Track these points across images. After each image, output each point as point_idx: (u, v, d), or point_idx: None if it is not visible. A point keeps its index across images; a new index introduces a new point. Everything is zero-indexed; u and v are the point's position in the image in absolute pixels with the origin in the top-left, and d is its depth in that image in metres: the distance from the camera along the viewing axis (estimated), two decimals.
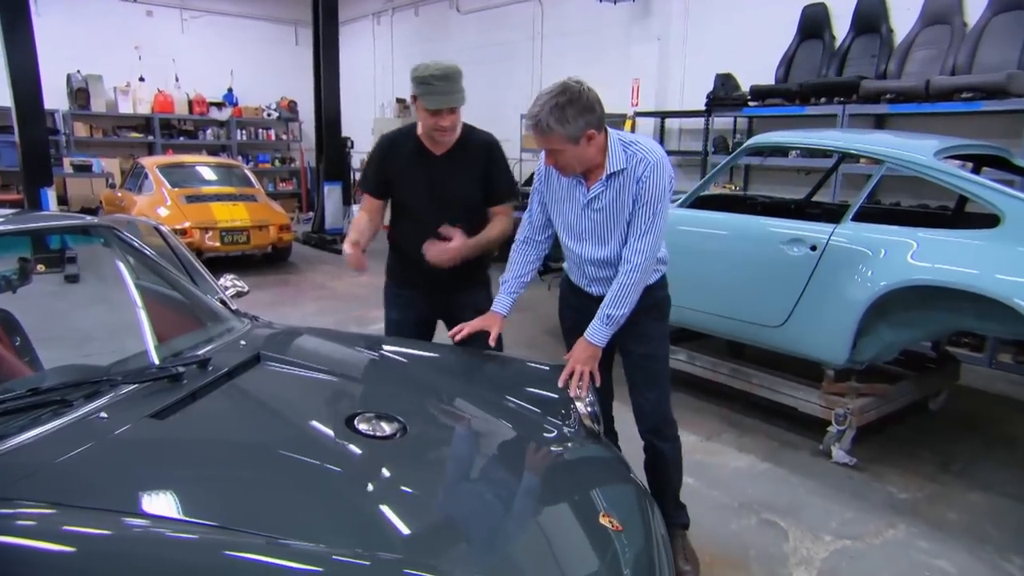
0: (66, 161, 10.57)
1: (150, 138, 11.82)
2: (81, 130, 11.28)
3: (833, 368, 3.38)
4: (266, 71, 12.84)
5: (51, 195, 7.47)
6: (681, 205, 4.00)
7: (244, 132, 12.96)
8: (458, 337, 2.35)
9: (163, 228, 2.81)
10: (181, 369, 1.78)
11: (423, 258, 2.52)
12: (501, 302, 2.43)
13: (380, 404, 1.89)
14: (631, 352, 2.48)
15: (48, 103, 10.76)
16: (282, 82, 12.82)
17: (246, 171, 8.83)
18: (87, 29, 11.26)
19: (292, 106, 13.09)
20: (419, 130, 2.58)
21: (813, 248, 3.29)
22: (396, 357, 2.28)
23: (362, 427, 1.74)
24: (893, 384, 3.57)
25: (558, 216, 2.36)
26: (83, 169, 10.29)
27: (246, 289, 2.79)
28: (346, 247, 2.51)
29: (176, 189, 7.71)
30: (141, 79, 11.81)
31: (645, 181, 2.12)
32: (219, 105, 12.57)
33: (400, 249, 2.75)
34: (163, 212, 7.34)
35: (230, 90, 12.78)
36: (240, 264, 7.52)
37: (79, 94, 11.10)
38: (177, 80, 12.18)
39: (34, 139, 7.35)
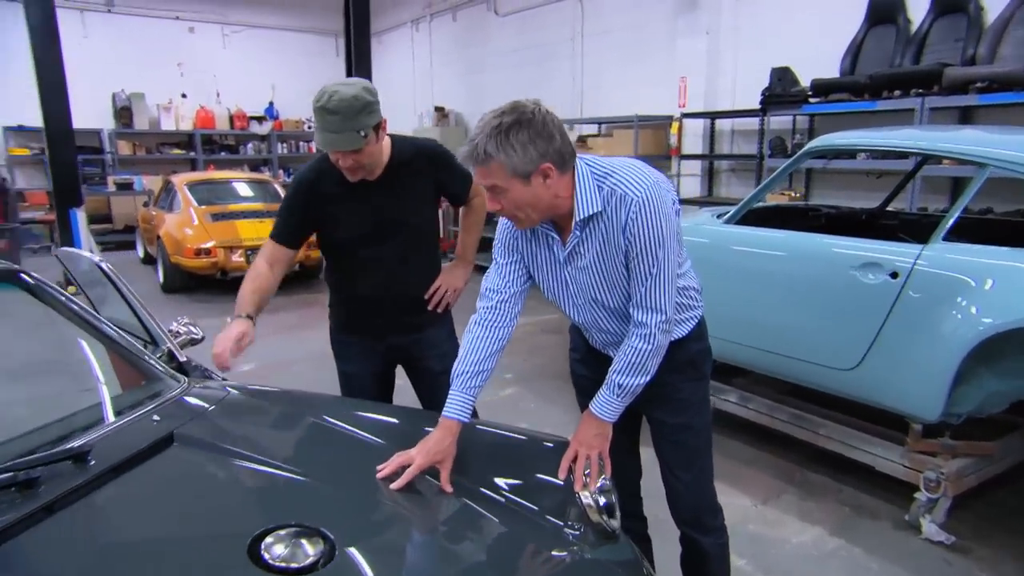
0: (110, 180, 10.61)
1: (192, 154, 11.81)
2: (125, 148, 11.34)
3: (921, 423, 2.74)
4: (307, 83, 12.62)
5: (80, 216, 7.36)
6: (730, 220, 3.41)
7: (285, 145, 12.86)
8: (395, 483, 1.58)
9: (104, 265, 2.42)
10: (35, 473, 1.35)
11: (376, 300, 2.23)
12: (455, 404, 1.72)
13: (308, 510, 1.42)
14: (661, 423, 1.95)
15: (94, 123, 11.00)
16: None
17: (276, 186, 8.59)
18: (132, 48, 11.33)
19: None
20: None
21: (894, 275, 2.66)
22: (349, 431, 1.80)
23: (273, 552, 1.27)
24: (999, 439, 2.89)
25: (538, 276, 1.82)
26: (125, 187, 10.29)
27: (200, 336, 2.38)
28: (221, 344, 1.96)
29: (203, 207, 7.50)
30: (183, 96, 11.83)
31: (632, 227, 1.60)
32: (260, 119, 12.50)
33: (345, 294, 2.34)
34: (189, 231, 7.12)
35: (271, 104, 12.71)
36: None
37: (123, 113, 11.16)
38: (218, 95, 12.16)
39: (64, 161, 7.25)
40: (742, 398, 3.52)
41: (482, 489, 1.63)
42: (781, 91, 5.72)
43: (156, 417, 1.70)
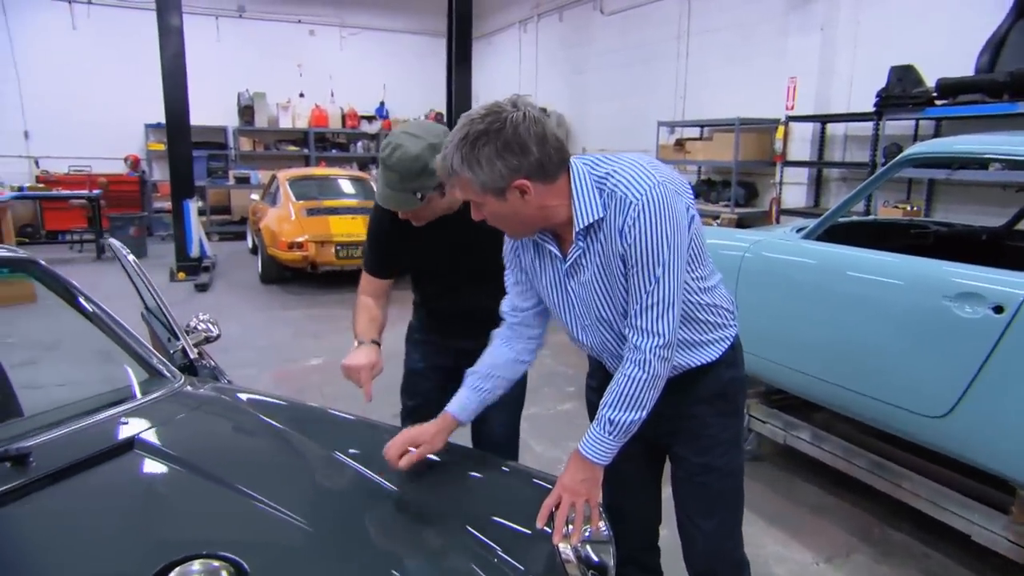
0: (231, 174, 11.32)
1: (305, 151, 12.37)
2: (246, 144, 12.06)
3: None
4: (416, 84, 12.98)
5: (192, 206, 7.87)
6: (809, 236, 3.03)
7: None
8: (402, 463, 1.58)
9: (130, 258, 2.45)
10: None
11: (451, 315, 2.16)
12: (457, 401, 1.67)
13: (239, 538, 1.31)
14: (683, 460, 1.71)
15: (221, 120, 11.78)
16: (431, 94, 12.86)
17: (373, 184, 8.79)
18: (257, 50, 12.03)
19: (440, 118, 13.12)
20: None
21: (998, 309, 2.22)
22: (325, 454, 1.67)
23: None
24: None
25: (544, 295, 1.65)
26: (243, 181, 10.93)
27: (215, 333, 2.36)
28: (353, 363, 1.91)
29: (300, 202, 7.77)
30: (301, 95, 12.42)
31: (630, 233, 1.38)
32: (370, 118, 12.91)
33: (424, 306, 2.29)
34: (286, 226, 7.40)
35: (382, 103, 13.10)
36: (354, 278, 7.39)
37: (245, 111, 11.87)
38: (332, 95, 12.67)
39: (180, 155, 7.78)
40: (815, 436, 3.11)
41: (456, 532, 1.45)
42: (900, 92, 5.11)
43: (124, 420, 1.65)
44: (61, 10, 10.80)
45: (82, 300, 2.03)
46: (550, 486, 1.61)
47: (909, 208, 5.21)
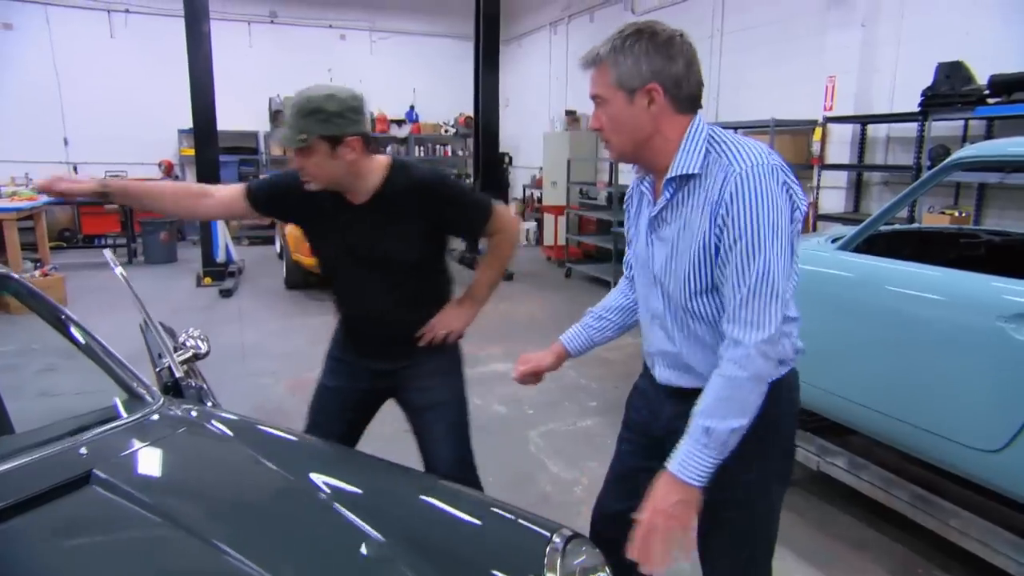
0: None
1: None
2: (276, 149, 12.09)
3: None
4: (446, 87, 12.90)
5: None
6: (846, 246, 2.79)
7: (422, 148, 13.15)
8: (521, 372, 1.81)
9: (118, 271, 2.35)
10: None
11: (359, 324, 2.14)
12: (571, 332, 1.80)
13: None
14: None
15: (253, 126, 11.87)
16: (460, 98, 12.77)
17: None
18: (289, 55, 12.08)
19: (469, 122, 13.02)
20: None
21: None
22: (292, 484, 1.53)
23: None
24: None
25: (634, 246, 1.62)
26: None
27: (204, 351, 2.24)
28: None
29: None
30: None
31: (733, 203, 1.30)
32: (399, 122, 12.88)
33: (338, 310, 2.21)
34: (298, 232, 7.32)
35: (412, 107, 13.05)
36: None
37: (276, 116, 11.92)
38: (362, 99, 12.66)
39: (207, 160, 7.79)
40: (852, 464, 2.87)
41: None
42: (948, 90, 4.80)
43: (83, 450, 1.53)
44: (100, 19, 10.99)
45: (57, 315, 1.92)
46: (546, 532, 1.45)
47: (957, 214, 4.88)
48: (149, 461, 1.58)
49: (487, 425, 3.98)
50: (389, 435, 2.46)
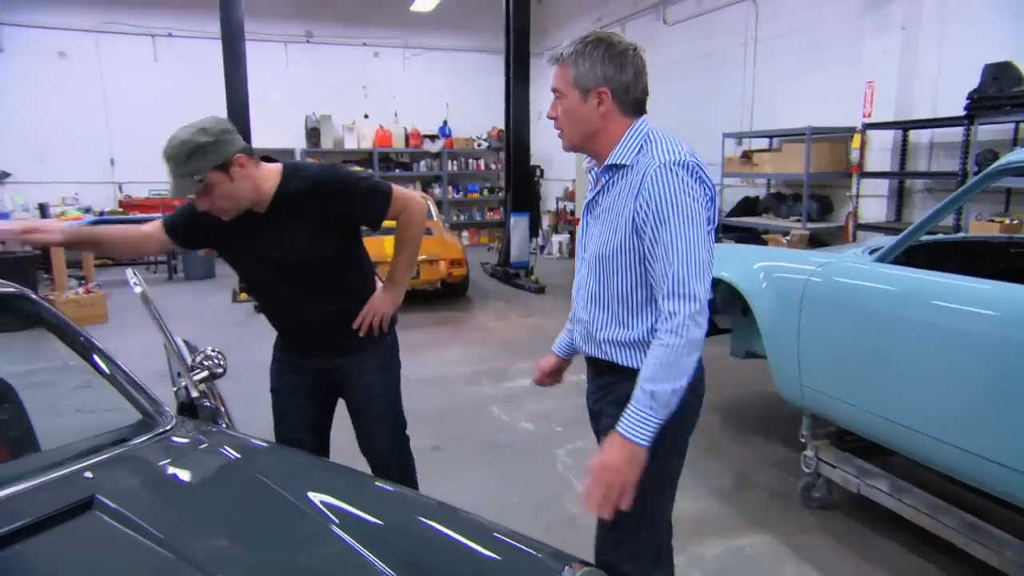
0: None
1: (369, 171, 12.50)
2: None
3: None
4: (478, 101, 12.95)
5: None
6: (884, 258, 2.66)
7: (455, 162, 13.21)
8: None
9: (136, 290, 2.34)
10: None
11: (287, 327, 2.26)
12: (559, 340, 2.01)
13: None
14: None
15: (289, 143, 12.07)
16: (493, 112, 12.81)
17: (431, 204, 8.73)
18: (324, 74, 12.29)
19: (501, 135, 13.03)
20: None
21: None
22: (302, 513, 1.48)
23: None
24: None
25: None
26: None
27: (221, 370, 2.22)
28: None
29: None
30: (365, 116, 12.60)
31: (649, 190, 1.49)
32: (432, 137, 12.96)
33: (272, 321, 2.31)
34: None
35: (444, 122, 13.14)
36: (414, 298, 7.33)
37: (312, 133, 12.13)
38: (396, 115, 12.80)
39: None
40: (895, 488, 2.72)
41: None
42: (996, 92, 4.60)
43: (88, 474, 1.52)
44: (145, 43, 11.34)
45: (75, 335, 1.93)
46: (557, 565, 1.38)
47: (1008, 221, 4.66)
48: (153, 486, 1.56)
49: (514, 442, 3.91)
50: (414, 454, 2.44)
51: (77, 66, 10.88)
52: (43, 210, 9.45)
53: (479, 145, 13.24)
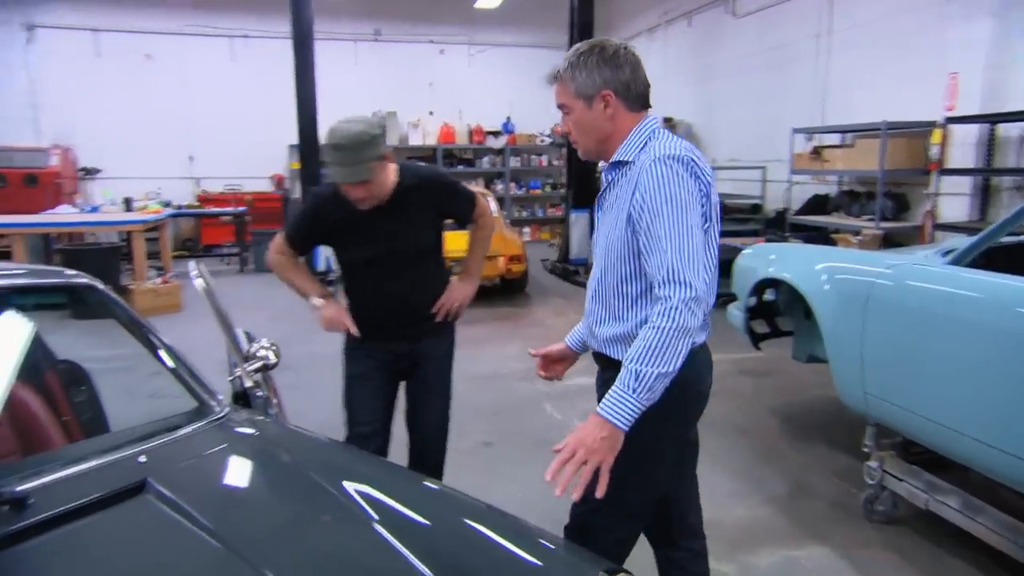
0: None
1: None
2: None
3: None
4: (542, 98, 12.82)
5: None
6: (959, 261, 2.51)
7: (518, 159, 13.23)
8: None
9: (197, 283, 2.43)
10: None
11: (387, 316, 2.41)
12: (573, 331, 1.96)
13: None
14: None
15: None
16: (556, 108, 12.74)
17: (490, 199, 8.77)
18: (391, 71, 12.52)
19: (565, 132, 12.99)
20: None
21: None
22: (342, 505, 1.50)
23: None
24: None
25: None
26: None
27: (273, 361, 2.28)
28: (317, 303, 2.42)
29: None
30: (430, 113, 12.77)
31: (644, 184, 1.54)
32: (495, 133, 13.01)
33: (356, 305, 2.48)
34: None
35: (508, 118, 13.17)
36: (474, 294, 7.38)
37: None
38: (460, 112, 12.91)
39: (311, 173, 8.18)
40: (967, 505, 2.56)
41: None
42: None
43: (143, 458, 1.59)
44: (223, 45, 11.82)
45: (136, 323, 2.03)
46: (594, 567, 1.36)
47: None
48: (202, 473, 1.61)
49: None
50: (467, 449, 2.46)
51: (161, 67, 11.45)
52: (128, 203, 9.98)
53: (541, 141, 13.22)
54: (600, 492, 1.43)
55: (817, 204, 7.18)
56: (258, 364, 2.25)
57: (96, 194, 11.01)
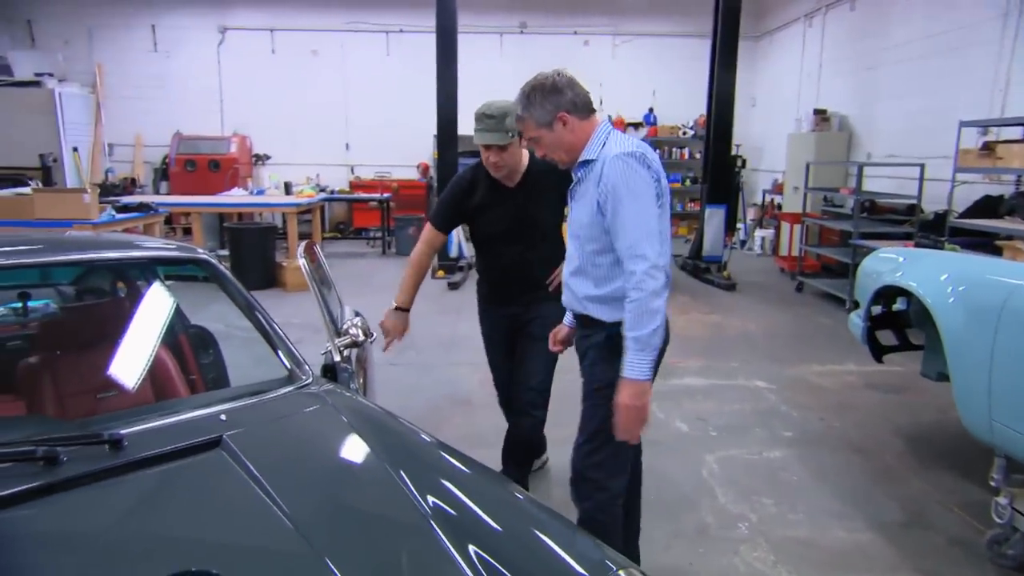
0: None
1: None
2: None
3: None
4: (685, 89, 12.48)
5: None
6: None
7: (659, 151, 12.90)
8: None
9: (305, 267, 2.61)
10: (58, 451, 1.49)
11: (511, 283, 2.86)
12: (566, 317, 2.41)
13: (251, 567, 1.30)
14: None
15: None
16: (700, 100, 12.28)
17: None
18: (535, 63, 12.11)
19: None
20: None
21: None
22: (399, 491, 1.52)
23: None
24: None
25: None
26: None
27: (361, 339, 2.45)
28: (391, 308, 2.87)
29: None
30: None
31: (606, 176, 1.94)
32: (637, 125, 12.76)
33: (486, 274, 3.00)
34: None
35: (651, 110, 12.89)
36: None
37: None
38: (601, 102, 12.79)
39: (448, 162, 8.49)
40: None
41: None
42: None
43: (223, 417, 1.77)
44: (379, 40, 12.58)
45: (245, 297, 2.25)
46: (612, 567, 1.36)
47: None
48: (274, 437, 1.73)
49: (664, 440, 3.79)
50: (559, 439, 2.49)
51: (325, 62, 12.42)
52: (287, 187, 10.94)
53: (684, 133, 12.81)
54: (647, 429, 1.99)
55: (987, 206, 6.37)
56: (347, 340, 2.43)
57: (265, 178, 12.17)
